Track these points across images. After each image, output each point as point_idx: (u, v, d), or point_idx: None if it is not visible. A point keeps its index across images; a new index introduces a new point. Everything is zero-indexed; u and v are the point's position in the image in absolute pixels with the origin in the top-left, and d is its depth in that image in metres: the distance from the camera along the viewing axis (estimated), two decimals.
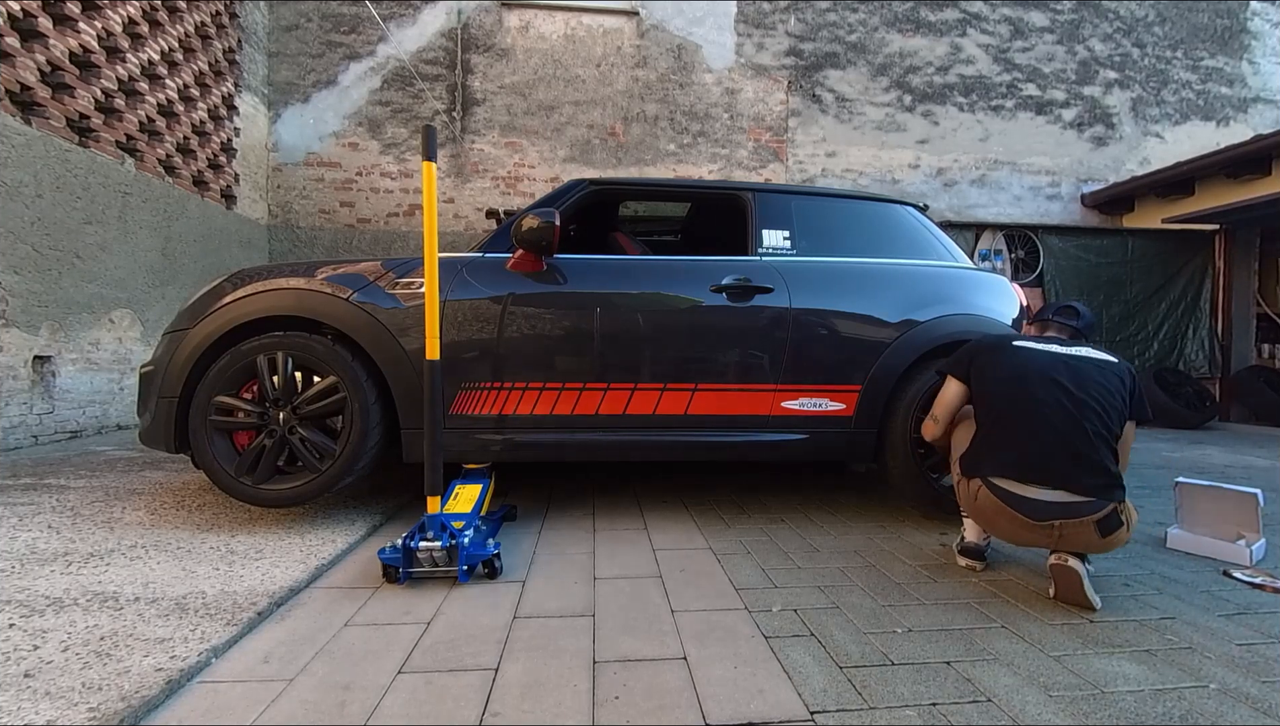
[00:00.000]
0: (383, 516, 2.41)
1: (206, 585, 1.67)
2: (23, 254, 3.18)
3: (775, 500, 2.79)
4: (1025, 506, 1.67)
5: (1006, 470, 1.72)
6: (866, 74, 6.19)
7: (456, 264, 2.27)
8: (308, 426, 2.11)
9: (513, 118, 5.78)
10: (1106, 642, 1.46)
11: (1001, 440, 1.76)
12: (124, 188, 3.87)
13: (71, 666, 1.24)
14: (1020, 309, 2.62)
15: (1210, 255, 6.56)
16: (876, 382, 2.37)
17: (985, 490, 1.74)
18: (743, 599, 1.70)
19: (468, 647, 1.42)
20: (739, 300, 2.37)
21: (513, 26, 5.80)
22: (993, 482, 1.73)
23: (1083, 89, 6.44)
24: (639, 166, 5.90)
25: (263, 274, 2.26)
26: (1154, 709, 1.20)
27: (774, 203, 2.58)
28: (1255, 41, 6.74)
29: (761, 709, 1.18)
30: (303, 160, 5.61)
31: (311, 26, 5.60)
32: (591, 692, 1.24)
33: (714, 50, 6.01)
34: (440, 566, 1.77)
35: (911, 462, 2.32)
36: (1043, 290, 6.32)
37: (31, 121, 3.18)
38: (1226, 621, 1.60)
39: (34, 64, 3.16)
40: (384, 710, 1.18)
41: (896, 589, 1.78)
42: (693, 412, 2.33)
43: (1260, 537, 2.06)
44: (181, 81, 4.36)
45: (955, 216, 6.23)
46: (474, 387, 2.24)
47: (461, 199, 5.72)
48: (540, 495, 2.83)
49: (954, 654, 1.40)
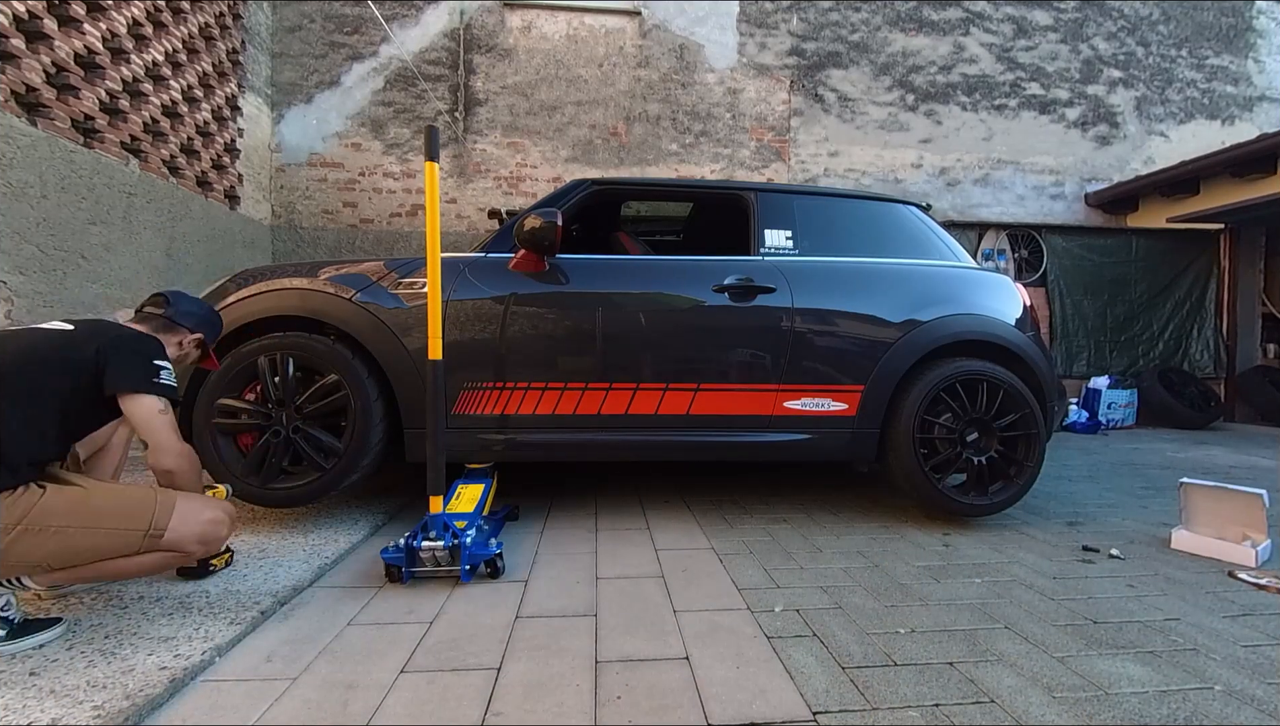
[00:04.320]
0: (385, 516, 2.42)
1: (210, 584, 1.67)
2: (28, 254, 3.20)
3: (778, 500, 2.79)
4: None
5: None
6: (869, 73, 6.17)
7: (459, 264, 2.28)
8: (312, 425, 2.12)
9: (515, 118, 5.78)
10: (1110, 644, 1.46)
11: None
12: (128, 188, 3.89)
13: (76, 665, 1.25)
14: (1024, 308, 2.61)
15: (1215, 255, 6.52)
16: (879, 383, 2.37)
17: None
18: (745, 599, 1.70)
19: (470, 647, 1.42)
20: (741, 300, 2.36)
21: (515, 27, 5.80)
22: None
23: (1086, 88, 6.41)
24: (641, 166, 5.90)
25: (266, 274, 2.27)
26: (1158, 710, 1.19)
27: (776, 202, 2.57)
28: (1261, 40, 6.70)
29: (764, 709, 1.18)
30: (306, 161, 5.62)
31: (314, 27, 5.61)
32: (594, 692, 1.24)
33: (716, 50, 6.00)
34: (443, 566, 1.77)
35: (914, 462, 2.31)
36: (1046, 290, 6.30)
37: (37, 122, 3.19)
38: (1231, 623, 1.59)
39: (39, 65, 3.17)
40: (386, 709, 1.18)
41: (899, 589, 1.78)
42: (695, 413, 2.32)
43: (1266, 539, 2.05)
44: (185, 82, 4.37)
45: (958, 216, 6.21)
46: (476, 387, 2.24)
47: (464, 199, 5.73)
48: (542, 495, 2.83)
49: (957, 654, 1.40)
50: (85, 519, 1.36)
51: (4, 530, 1.29)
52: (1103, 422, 5.72)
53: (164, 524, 1.42)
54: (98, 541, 1.37)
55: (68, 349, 1.42)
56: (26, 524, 1.31)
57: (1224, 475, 3.52)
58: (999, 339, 2.46)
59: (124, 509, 1.41)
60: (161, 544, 1.42)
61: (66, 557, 1.36)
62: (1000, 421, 2.36)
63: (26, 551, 1.32)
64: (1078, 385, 6.11)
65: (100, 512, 1.38)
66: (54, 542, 1.33)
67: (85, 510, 1.37)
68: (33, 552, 1.32)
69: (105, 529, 1.37)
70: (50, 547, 1.33)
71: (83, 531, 1.35)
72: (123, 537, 1.39)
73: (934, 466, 2.33)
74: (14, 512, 1.31)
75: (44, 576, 1.41)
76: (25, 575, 1.40)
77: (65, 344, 1.43)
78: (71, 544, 1.35)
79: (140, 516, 1.41)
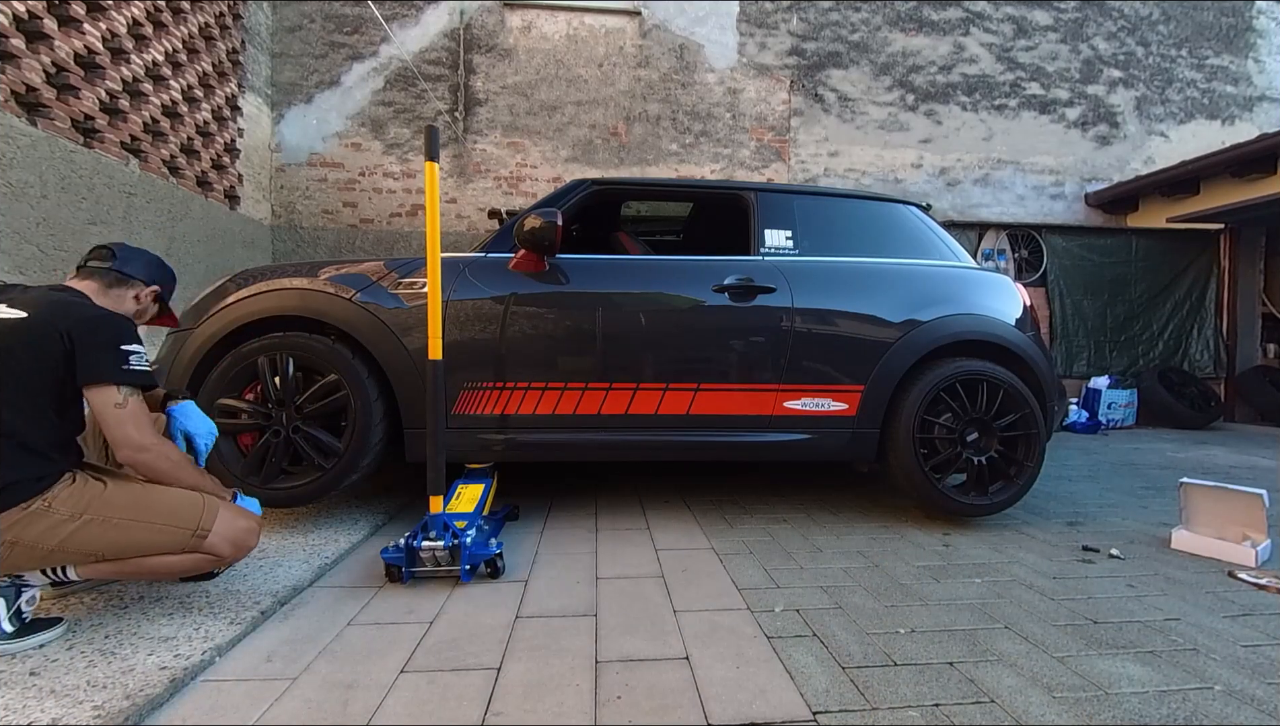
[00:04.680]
0: (385, 516, 2.42)
1: (210, 584, 1.67)
2: (28, 254, 3.20)
3: (778, 500, 2.79)
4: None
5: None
6: (869, 73, 6.17)
7: (459, 264, 2.28)
8: (312, 425, 2.12)
9: (515, 118, 5.78)
10: (1110, 644, 1.46)
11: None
12: (128, 188, 3.89)
13: (76, 664, 1.25)
14: (1024, 308, 2.61)
15: (1215, 255, 6.52)
16: (879, 383, 2.37)
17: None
18: (745, 599, 1.70)
19: (470, 647, 1.42)
20: (741, 300, 2.36)
21: (515, 27, 5.80)
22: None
23: (1086, 88, 6.41)
24: (641, 166, 5.90)
25: (266, 274, 2.27)
26: (1158, 710, 1.19)
27: (776, 202, 2.57)
28: (1261, 40, 6.70)
29: (764, 709, 1.18)
30: (306, 160, 5.62)
31: (314, 27, 5.61)
32: (594, 692, 1.24)
33: (716, 50, 6.00)
34: (443, 566, 1.77)
35: (914, 462, 2.31)
36: (1046, 290, 6.29)
37: (37, 122, 3.19)
38: (1231, 623, 1.59)
39: (39, 65, 3.17)
40: (386, 709, 1.18)
41: (900, 589, 1.78)
42: (695, 413, 2.32)
43: (1266, 539, 2.05)
44: (185, 82, 4.37)
45: (958, 216, 6.20)
46: (476, 387, 2.24)
47: (464, 199, 5.73)
48: (542, 495, 2.83)
49: (957, 654, 1.40)
50: (145, 514, 1.40)
51: (69, 519, 1.32)
52: (1103, 422, 5.72)
53: (209, 526, 1.45)
54: (152, 537, 1.41)
55: (32, 337, 1.32)
56: (91, 514, 1.35)
57: (1224, 475, 3.52)
58: (999, 339, 2.46)
59: (178, 508, 1.44)
60: (203, 546, 1.45)
61: (121, 549, 1.39)
62: (1000, 421, 2.36)
63: (88, 540, 1.35)
64: (1078, 385, 6.11)
65: (158, 509, 1.42)
66: (114, 534, 1.37)
67: (144, 505, 1.41)
68: (94, 542, 1.36)
69: (160, 524, 1.41)
70: (110, 538, 1.37)
71: (141, 525, 1.39)
72: (173, 535, 1.42)
73: (934, 466, 2.33)
74: (79, 503, 1.34)
75: (90, 568, 1.43)
76: (74, 565, 1.41)
77: (27, 332, 1.33)
78: (129, 537, 1.38)
79: (191, 516, 1.44)
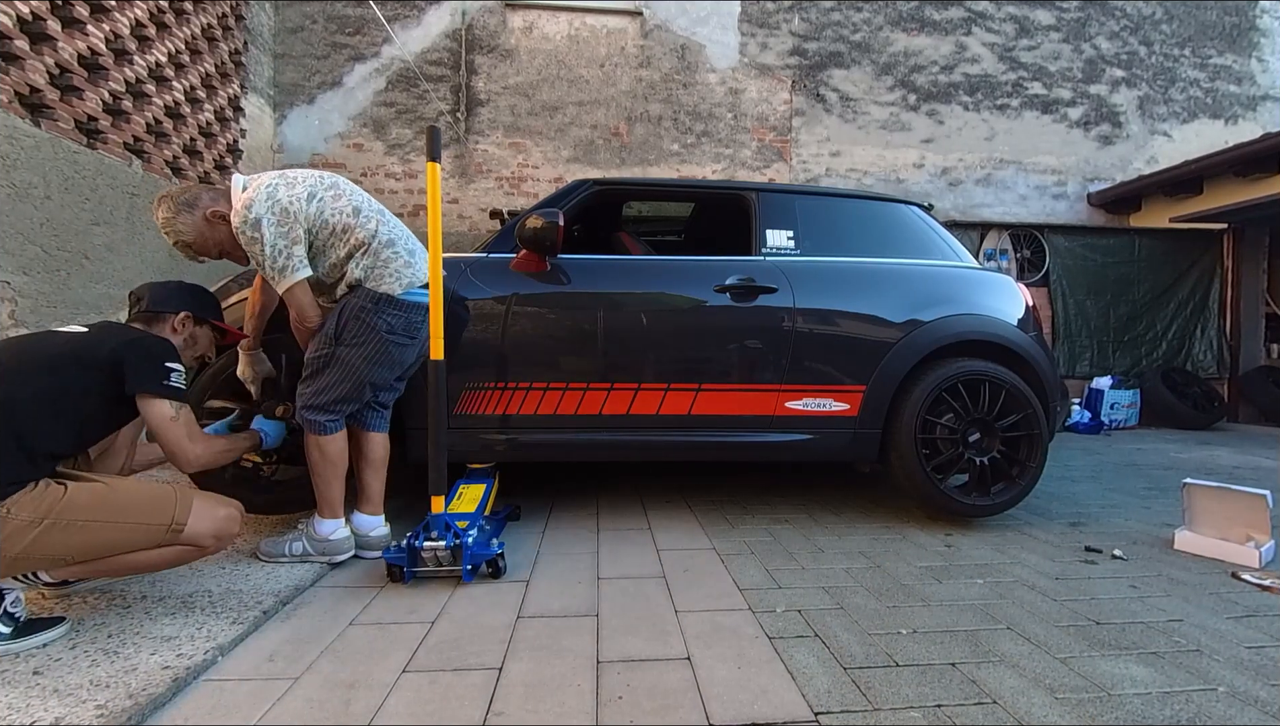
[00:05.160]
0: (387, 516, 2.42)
1: (212, 584, 1.68)
2: (32, 255, 3.21)
3: (779, 500, 2.79)
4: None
5: None
6: (871, 73, 6.16)
7: (461, 264, 2.28)
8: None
9: (516, 118, 5.79)
10: (1113, 644, 1.45)
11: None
12: (131, 189, 3.90)
13: (79, 664, 1.25)
14: (1026, 309, 2.60)
15: (1219, 254, 6.50)
16: (881, 383, 2.36)
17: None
18: (747, 599, 1.70)
19: (472, 647, 1.42)
20: (743, 300, 2.36)
21: (516, 27, 5.81)
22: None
23: (1089, 87, 6.39)
24: (643, 167, 5.90)
25: None
26: (1161, 711, 1.19)
27: (778, 202, 2.57)
28: (1264, 39, 6.68)
29: (765, 710, 1.18)
30: (308, 161, 5.62)
31: (316, 28, 5.62)
32: (595, 692, 1.24)
33: (718, 50, 6.00)
34: (445, 566, 1.78)
35: (916, 463, 2.31)
36: (1049, 290, 6.28)
37: (40, 123, 3.20)
38: (1235, 624, 1.58)
39: (43, 66, 3.18)
40: (388, 709, 1.18)
41: (901, 589, 1.78)
42: (696, 413, 2.32)
43: (1270, 539, 2.04)
44: (188, 84, 4.38)
45: (960, 216, 6.19)
46: (478, 387, 2.24)
47: (465, 199, 5.73)
48: (544, 495, 2.83)
49: (959, 655, 1.40)
50: (109, 513, 1.39)
51: (29, 525, 1.31)
52: (1105, 423, 5.71)
53: (184, 519, 1.45)
54: (121, 535, 1.40)
55: (85, 350, 1.45)
56: (53, 519, 1.33)
57: (1227, 476, 3.51)
58: (1001, 339, 2.45)
59: (146, 503, 1.44)
60: (181, 538, 1.45)
61: (89, 551, 1.38)
62: (1002, 422, 2.36)
63: (50, 546, 1.34)
64: (1080, 385, 6.09)
65: (123, 507, 1.41)
66: (78, 537, 1.36)
67: (109, 505, 1.40)
68: (56, 547, 1.35)
69: (129, 523, 1.40)
70: (74, 542, 1.36)
71: (106, 525, 1.38)
72: (145, 531, 1.42)
73: (936, 467, 2.33)
74: (38, 509, 1.33)
75: (62, 570, 1.43)
76: (43, 570, 1.42)
77: (82, 345, 1.46)
78: (95, 538, 1.38)
79: (162, 511, 1.44)
